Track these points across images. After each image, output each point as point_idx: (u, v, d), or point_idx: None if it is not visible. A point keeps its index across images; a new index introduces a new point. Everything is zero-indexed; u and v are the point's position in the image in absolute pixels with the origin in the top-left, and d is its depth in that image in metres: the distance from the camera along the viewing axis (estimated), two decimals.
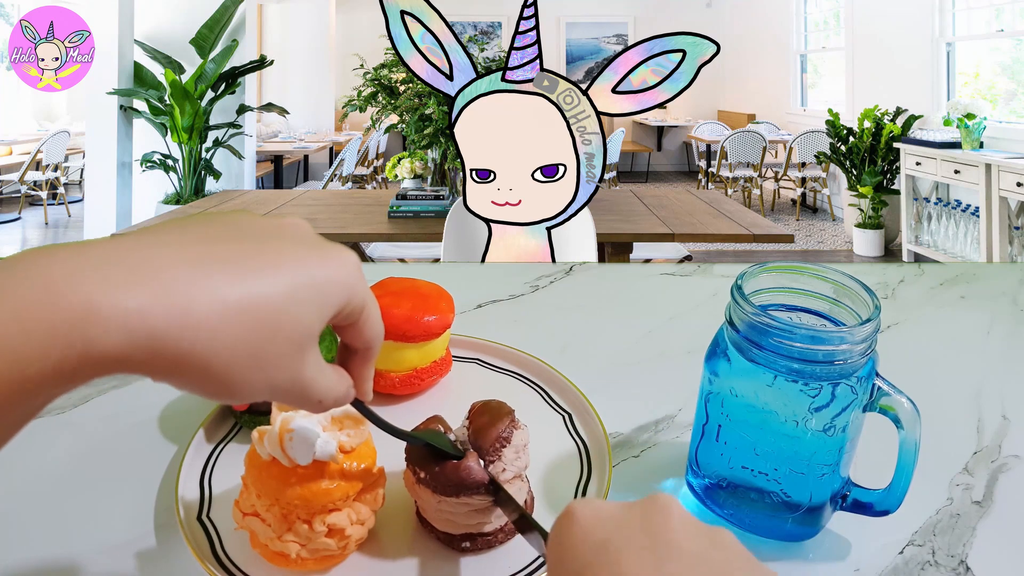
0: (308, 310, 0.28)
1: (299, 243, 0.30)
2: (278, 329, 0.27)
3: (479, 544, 0.43)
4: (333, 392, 0.32)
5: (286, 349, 0.28)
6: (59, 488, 0.51)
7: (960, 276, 0.98)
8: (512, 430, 0.44)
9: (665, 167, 9.15)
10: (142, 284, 0.24)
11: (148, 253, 0.25)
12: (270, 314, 0.27)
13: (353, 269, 0.31)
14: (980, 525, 0.48)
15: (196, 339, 0.25)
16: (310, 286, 0.28)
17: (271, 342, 0.27)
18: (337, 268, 0.30)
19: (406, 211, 2.67)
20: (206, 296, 0.25)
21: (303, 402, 0.30)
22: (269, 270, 0.27)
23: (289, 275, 0.28)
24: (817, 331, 0.41)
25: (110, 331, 0.23)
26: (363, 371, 0.35)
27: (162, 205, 4.51)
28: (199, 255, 0.26)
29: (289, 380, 0.28)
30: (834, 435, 0.42)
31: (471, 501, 0.41)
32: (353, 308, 0.31)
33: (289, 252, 0.28)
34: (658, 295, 0.92)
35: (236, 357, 0.26)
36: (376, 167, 6.80)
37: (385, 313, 0.59)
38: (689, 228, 2.46)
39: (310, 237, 0.31)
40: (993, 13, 4.81)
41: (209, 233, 0.28)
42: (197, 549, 0.43)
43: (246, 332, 0.26)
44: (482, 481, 0.41)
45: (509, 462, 0.43)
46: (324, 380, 0.31)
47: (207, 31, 4.61)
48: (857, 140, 5.05)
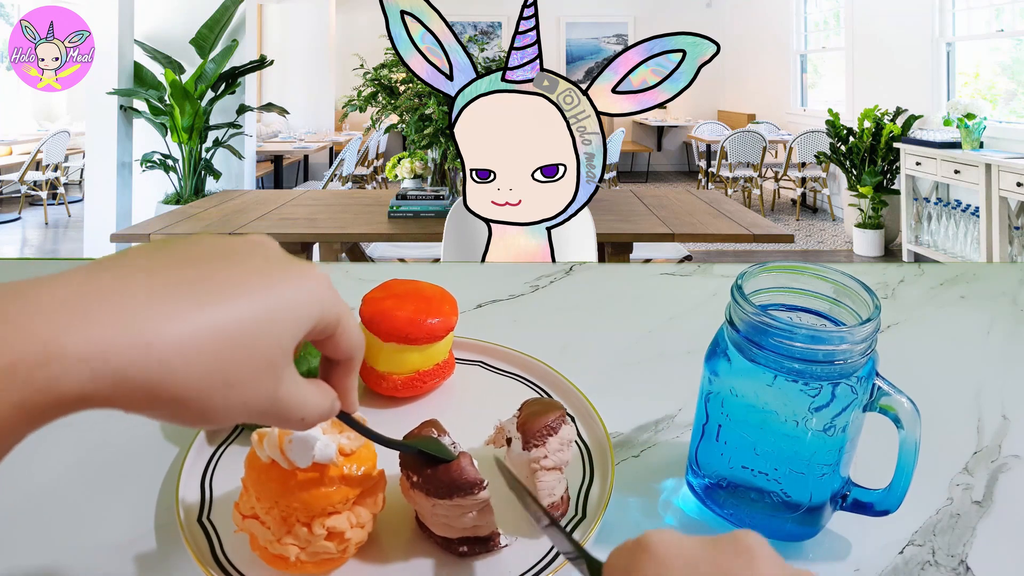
0: (279, 331, 0.28)
1: (267, 263, 0.29)
2: (250, 353, 0.27)
3: (477, 548, 0.43)
4: (315, 408, 0.31)
5: (259, 372, 0.27)
6: (60, 489, 0.51)
7: (960, 276, 0.98)
8: (561, 423, 0.46)
9: (665, 167, 9.15)
10: (104, 319, 0.23)
11: (111, 285, 0.25)
12: (240, 339, 0.26)
13: (323, 285, 0.30)
14: (980, 525, 0.48)
15: (164, 371, 0.24)
16: (280, 307, 0.28)
17: (243, 367, 0.26)
18: (307, 286, 0.29)
19: (406, 211, 2.67)
20: (173, 326, 0.24)
21: (285, 421, 0.30)
22: (237, 294, 0.27)
23: (258, 298, 0.27)
24: (817, 331, 0.41)
25: (70, 371, 0.22)
26: (346, 383, 0.35)
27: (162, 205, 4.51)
28: (165, 283, 0.26)
29: (266, 401, 0.28)
30: (834, 435, 0.42)
31: (465, 503, 0.41)
32: (327, 323, 0.31)
33: (257, 274, 0.28)
34: (658, 295, 0.92)
35: (208, 385, 0.25)
36: (376, 167, 6.80)
37: (388, 315, 0.59)
38: (689, 228, 2.46)
39: (278, 256, 0.30)
40: (993, 13, 4.80)
41: (174, 259, 0.27)
42: (197, 551, 0.43)
43: (217, 359, 0.26)
44: (475, 481, 0.41)
45: (552, 451, 0.44)
46: (304, 397, 0.30)
47: (207, 31, 4.61)
48: (857, 140, 5.05)
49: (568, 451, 0.46)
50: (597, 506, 0.48)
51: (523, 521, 0.47)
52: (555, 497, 0.45)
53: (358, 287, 0.87)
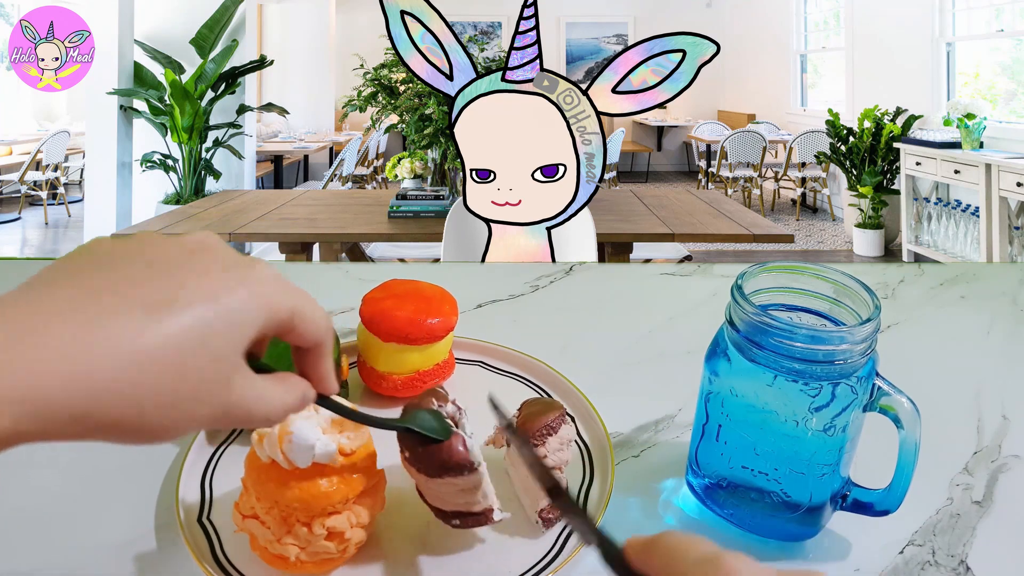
0: (220, 343, 0.27)
1: (205, 269, 0.28)
2: (186, 372, 0.25)
3: (469, 522, 0.42)
4: (279, 405, 0.30)
5: (201, 387, 0.26)
6: (60, 489, 0.51)
7: (960, 276, 0.98)
8: (561, 422, 0.46)
9: (665, 167, 9.15)
10: (26, 354, 0.22)
11: (32, 318, 0.23)
12: (177, 357, 0.25)
13: (267, 285, 0.29)
14: (980, 525, 0.48)
15: (97, 401, 0.23)
16: (218, 318, 0.27)
17: (182, 385, 0.25)
18: (248, 291, 0.28)
19: (406, 211, 2.67)
20: (103, 352, 0.23)
21: (244, 423, 0.29)
22: (171, 309, 0.25)
23: (196, 310, 0.26)
24: (817, 331, 0.41)
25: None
26: (319, 368, 0.33)
27: (162, 205, 4.51)
28: (92, 306, 0.24)
29: (218, 410, 0.27)
30: (834, 435, 0.42)
31: (456, 481, 0.41)
32: (279, 321, 0.29)
33: (193, 284, 0.27)
34: (658, 295, 0.92)
35: (148, 407, 0.25)
36: (376, 167, 6.80)
37: (388, 315, 0.59)
38: (689, 228, 2.46)
39: (218, 258, 0.29)
40: (993, 13, 4.80)
41: (100, 277, 0.26)
42: (197, 551, 0.43)
43: (154, 380, 0.25)
44: (464, 462, 0.40)
45: (552, 451, 0.45)
46: (263, 397, 0.29)
47: (207, 31, 4.61)
48: (857, 140, 5.05)
49: (568, 451, 0.46)
50: (597, 506, 0.48)
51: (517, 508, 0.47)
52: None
53: (358, 287, 0.87)
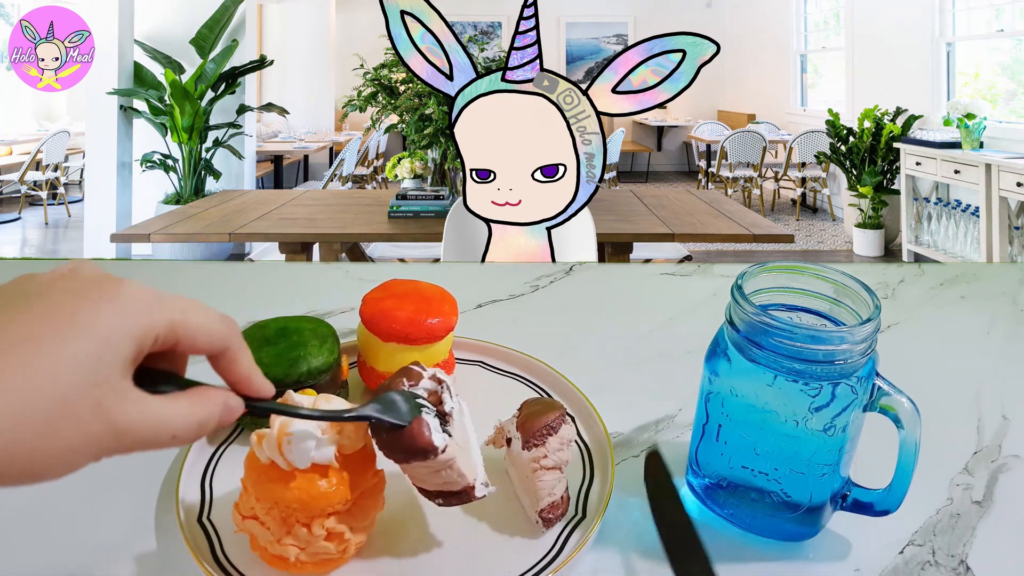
0: (89, 378, 0.25)
1: (64, 302, 0.26)
2: (51, 411, 0.24)
3: (452, 500, 0.42)
4: (183, 423, 0.29)
5: (74, 421, 0.25)
6: (60, 489, 0.51)
7: (960, 276, 0.98)
8: (561, 423, 0.46)
9: (665, 167, 9.15)
10: None
11: None
12: (40, 401, 0.24)
13: (136, 304, 0.27)
14: (980, 525, 0.48)
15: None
16: (84, 351, 0.25)
17: (51, 422, 0.24)
18: (118, 312, 0.27)
19: (406, 211, 2.67)
20: None
21: (147, 446, 0.28)
22: (26, 351, 0.24)
23: (58, 348, 0.25)
24: (817, 331, 0.41)
25: None
26: (237, 372, 0.32)
27: (162, 205, 4.51)
28: None
29: (107, 439, 0.26)
30: (834, 435, 0.42)
31: (427, 464, 0.40)
32: (158, 337, 0.28)
33: (52, 319, 0.25)
34: (658, 295, 0.92)
35: (15, 455, 0.23)
36: (376, 167, 6.80)
37: (388, 315, 0.59)
38: (689, 228, 2.46)
39: (84, 285, 0.27)
40: (993, 13, 4.80)
41: None
42: (197, 551, 0.42)
43: (14, 428, 0.23)
44: (427, 447, 0.39)
45: (552, 451, 0.45)
46: (162, 417, 0.28)
47: (207, 31, 4.62)
48: (857, 140, 5.05)
49: (568, 451, 0.46)
50: (597, 506, 0.48)
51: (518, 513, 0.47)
52: (555, 497, 0.45)
53: (358, 287, 0.87)
